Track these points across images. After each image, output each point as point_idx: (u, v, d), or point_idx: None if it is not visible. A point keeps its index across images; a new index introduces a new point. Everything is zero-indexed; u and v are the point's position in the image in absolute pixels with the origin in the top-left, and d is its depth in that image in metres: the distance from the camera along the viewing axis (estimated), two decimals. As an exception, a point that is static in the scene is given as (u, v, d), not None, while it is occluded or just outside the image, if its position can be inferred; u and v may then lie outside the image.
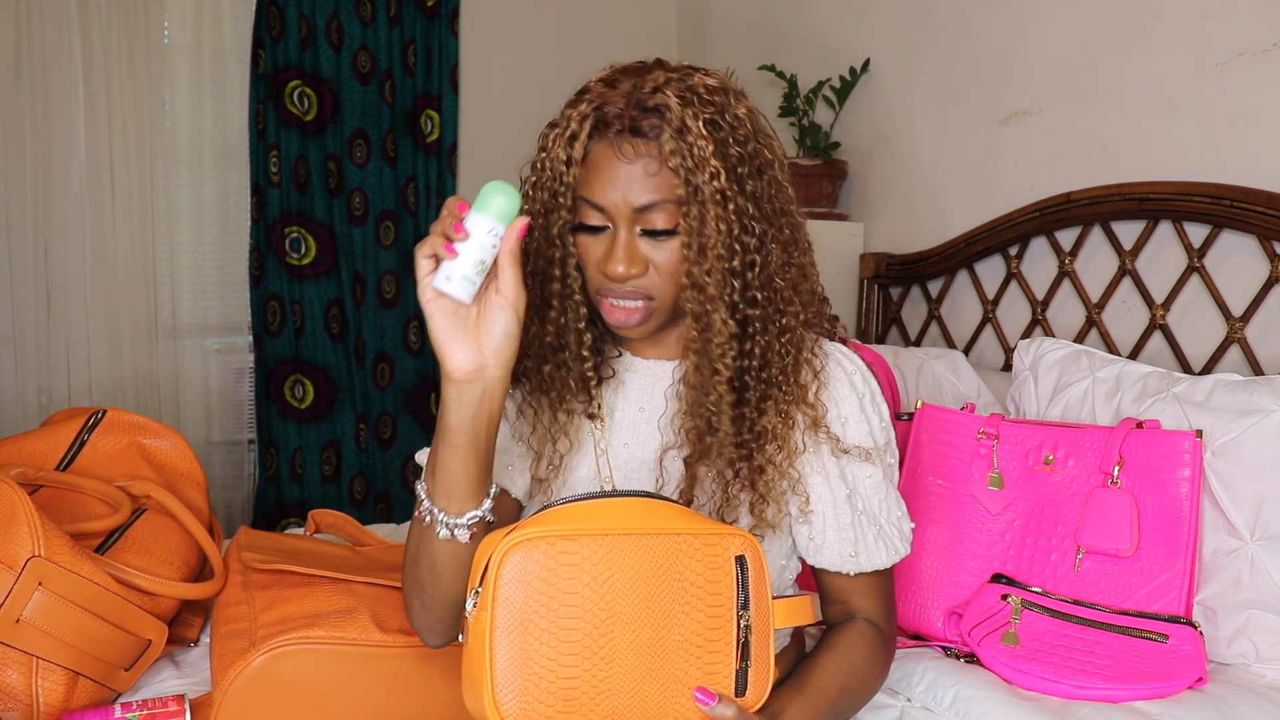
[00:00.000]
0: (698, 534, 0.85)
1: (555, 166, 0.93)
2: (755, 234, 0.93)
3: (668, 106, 0.90)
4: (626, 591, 0.82)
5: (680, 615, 0.83)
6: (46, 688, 1.05)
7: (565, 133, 0.93)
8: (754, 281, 0.94)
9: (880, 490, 1.04)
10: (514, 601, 0.80)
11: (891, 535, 1.04)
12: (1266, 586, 1.25)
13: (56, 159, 2.47)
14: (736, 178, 0.92)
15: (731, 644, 0.85)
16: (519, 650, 0.80)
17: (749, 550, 0.87)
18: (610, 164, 0.92)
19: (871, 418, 1.04)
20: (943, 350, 1.97)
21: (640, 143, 0.91)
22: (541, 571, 0.81)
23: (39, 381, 2.51)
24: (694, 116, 0.89)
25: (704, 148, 0.89)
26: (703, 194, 0.90)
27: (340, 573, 1.25)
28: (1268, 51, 1.61)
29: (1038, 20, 2.00)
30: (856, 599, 1.05)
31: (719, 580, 0.85)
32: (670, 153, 0.89)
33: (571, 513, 0.84)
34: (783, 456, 0.99)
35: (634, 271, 0.93)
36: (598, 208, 0.93)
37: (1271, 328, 1.61)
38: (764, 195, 0.95)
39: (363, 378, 2.88)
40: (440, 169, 2.91)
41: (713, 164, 0.90)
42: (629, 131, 0.91)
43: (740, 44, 2.92)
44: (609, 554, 0.82)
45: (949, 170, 2.23)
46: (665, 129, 0.89)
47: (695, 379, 0.96)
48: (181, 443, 1.43)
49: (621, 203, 0.92)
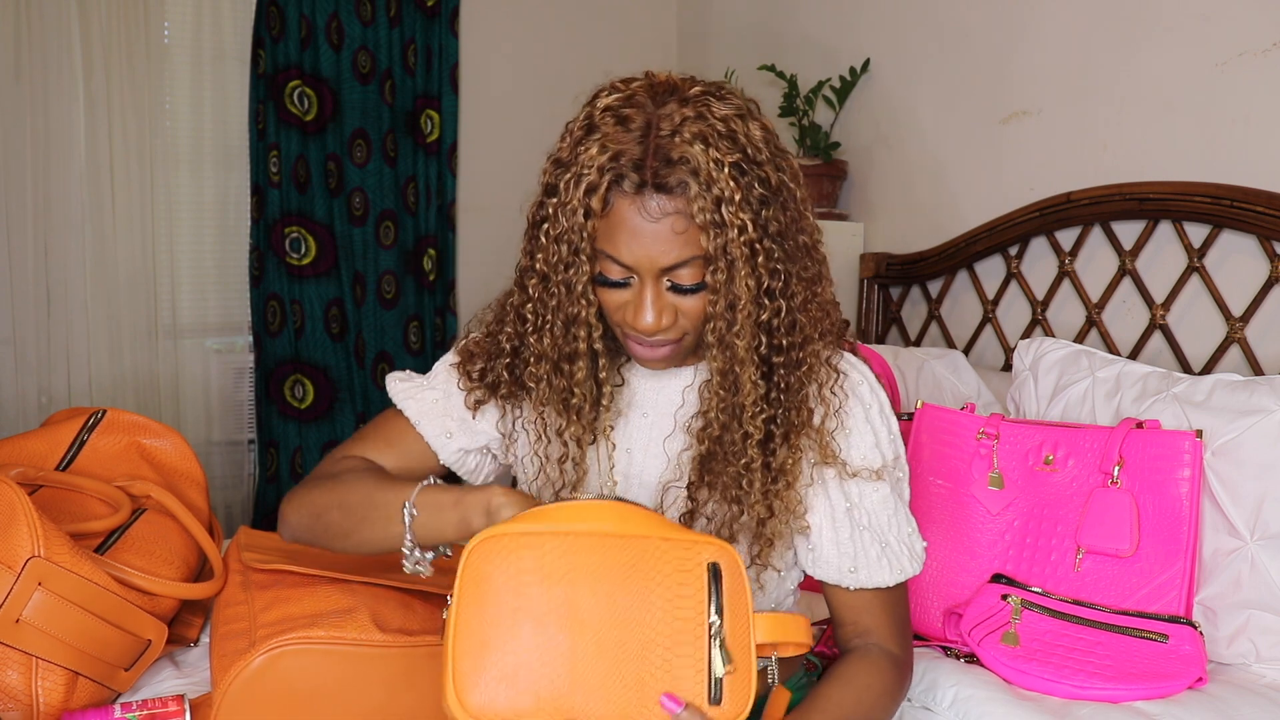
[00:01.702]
0: (667, 539, 0.84)
1: (573, 219, 0.89)
2: (781, 278, 0.92)
3: (692, 157, 0.86)
4: (589, 590, 0.81)
5: (646, 619, 0.82)
6: (46, 688, 1.05)
7: (581, 183, 0.88)
8: (780, 327, 0.93)
9: (888, 506, 1.01)
10: (475, 597, 0.80)
11: (899, 553, 1.01)
12: (1266, 586, 1.25)
13: (56, 159, 2.47)
14: (762, 223, 0.89)
15: (702, 651, 0.83)
16: (478, 644, 0.80)
17: (724, 559, 0.84)
18: (634, 222, 0.88)
19: (879, 430, 1.01)
20: (943, 350, 1.97)
21: (666, 199, 0.87)
22: (503, 569, 0.80)
23: (39, 381, 2.51)
24: (719, 165, 0.86)
25: (731, 198, 0.86)
26: (731, 253, 0.88)
27: (340, 573, 1.25)
28: (1268, 51, 1.61)
29: (1038, 20, 2.00)
30: (865, 618, 1.02)
31: (687, 584, 0.83)
32: (699, 210, 0.86)
33: (540, 514, 0.84)
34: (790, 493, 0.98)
35: (664, 323, 0.92)
36: (622, 265, 0.90)
37: (1271, 328, 1.61)
38: (788, 232, 0.92)
39: (363, 378, 2.88)
40: (440, 169, 2.91)
41: (740, 218, 0.87)
42: (653, 187, 0.87)
43: (740, 44, 2.92)
44: (571, 552, 0.81)
45: (949, 170, 2.23)
46: (692, 184, 0.86)
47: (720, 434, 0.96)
48: (181, 443, 1.43)
49: (648, 262, 0.89)
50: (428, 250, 2.92)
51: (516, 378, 1.03)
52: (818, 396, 0.98)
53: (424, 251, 2.92)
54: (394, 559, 1.44)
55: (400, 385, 1.13)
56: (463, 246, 2.99)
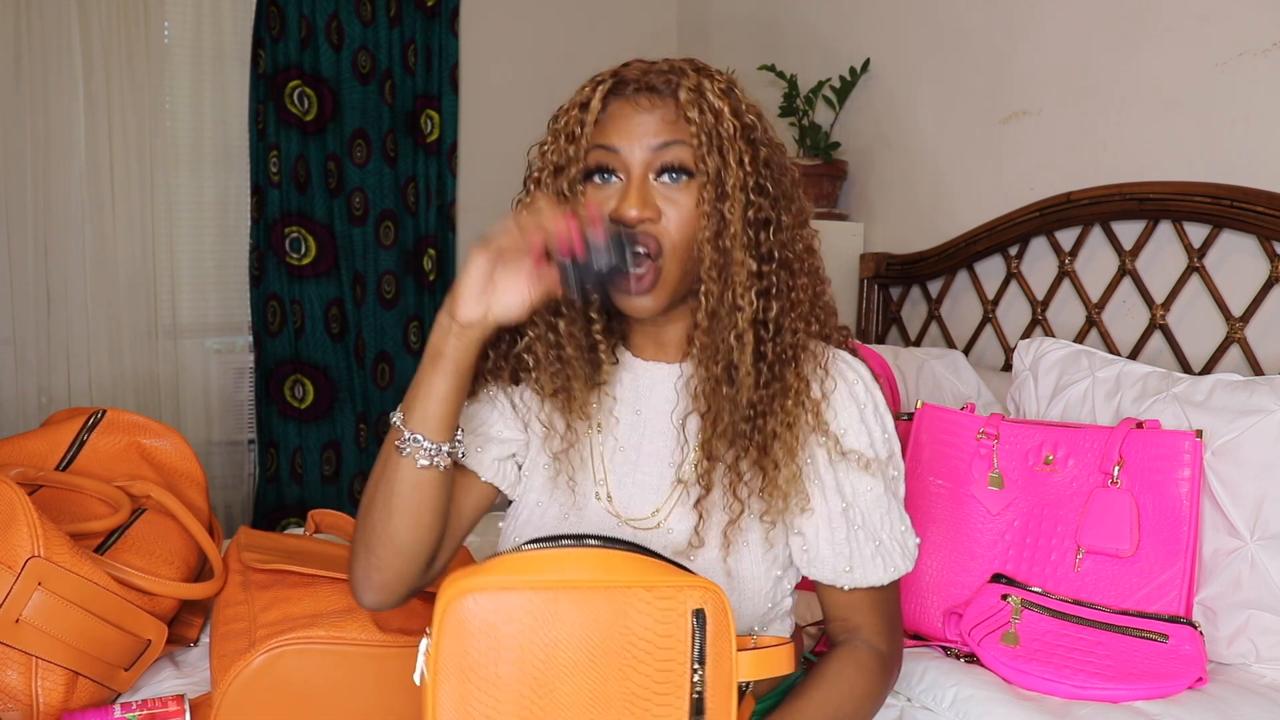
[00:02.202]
0: (651, 586, 0.83)
1: (570, 128, 0.95)
2: (770, 196, 0.95)
3: (685, 73, 0.93)
4: (568, 644, 0.81)
5: (626, 669, 0.82)
6: (46, 688, 1.05)
7: (579, 98, 0.95)
8: (769, 240, 0.95)
9: (882, 505, 1.01)
10: (455, 649, 0.80)
11: (892, 551, 1.01)
12: (1266, 586, 1.25)
13: (56, 159, 2.48)
14: (750, 141, 0.94)
15: (684, 699, 0.82)
16: (459, 697, 0.80)
17: (709, 603, 0.83)
18: (627, 113, 0.94)
19: (873, 429, 1.01)
20: (943, 350, 1.97)
21: (657, 97, 0.94)
22: (482, 622, 0.80)
23: (39, 381, 2.51)
24: (710, 80, 0.93)
25: (719, 104, 0.92)
26: (722, 139, 0.92)
27: (340, 573, 1.25)
28: (1268, 51, 1.61)
29: (1038, 20, 2.00)
30: (856, 616, 1.02)
31: (671, 635, 0.82)
32: (688, 103, 0.92)
33: (520, 562, 0.83)
34: (792, 436, 0.97)
35: (648, 214, 0.92)
36: (612, 149, 0.93)
37: (1271, 328, 1.61)
38: (774, 164, 0.96)
39: (363, 378, 2.88)
40: (440, 169, 2.91)
41: (729, 120, 0.92)
42: (645, 89, 0.94)
43: (740, 44, 2.92)
44: (550, 606, 0.81)
45: (949, 170, 2.23)
46: (682, 85, 0.92)
47: (710, 324, 0.95)
48: (181, 443, 1.43)
49: (637, 145, 0.93)
50: (428, 250, 2.92)
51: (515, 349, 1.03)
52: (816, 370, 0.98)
53: (424, 251, 2.92)
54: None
55: None
56: (463, 246, 2.99)
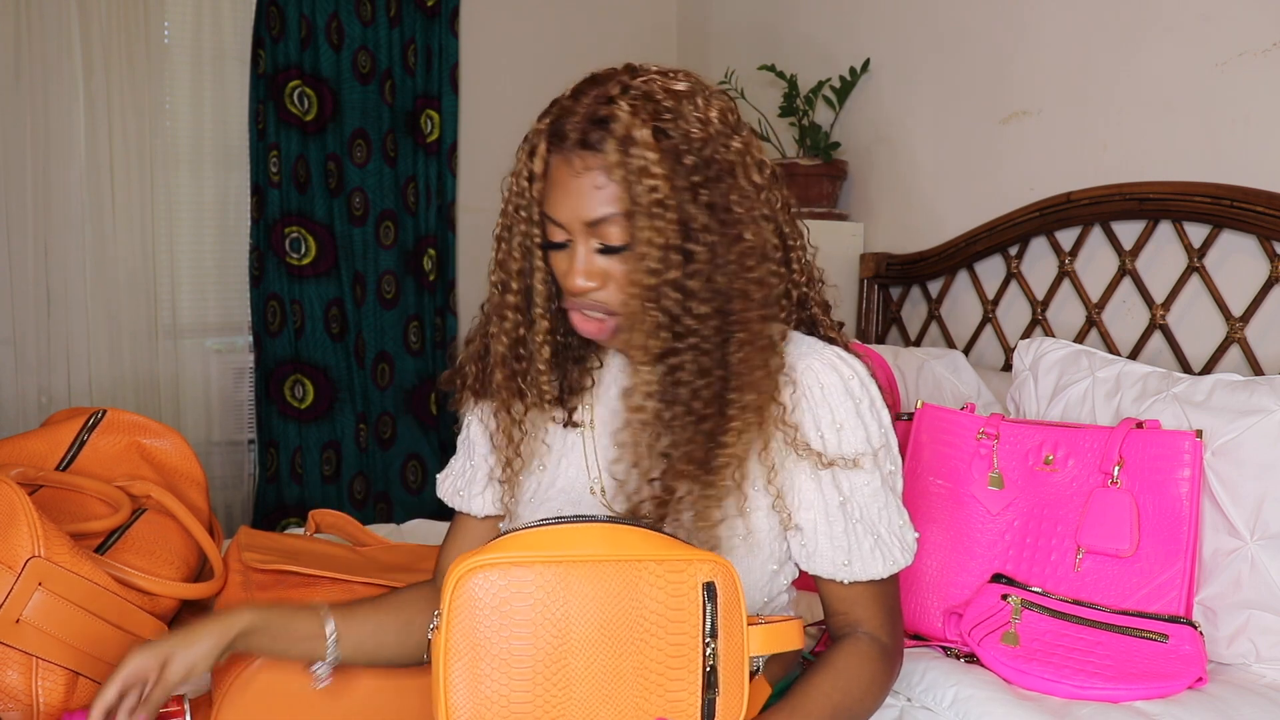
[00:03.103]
0: (661, 560, 0.84)
1: (520, 182, 0.95)
2: (703, 243, 0.91)
3: (615, 117, 0.89)
4: (580, 619, 0.81)
5: (639, 643, 0.82)
6: (46, 688, 1.05)
7: (528, 146, 0.95)
8: (698, 292, 0.91)
9: (879, 498, 1.01)
10: (466, 627, 0.81)
11: (890, 545, 1.01)
12: (1266, 586, 1.25)
13: (56, 159, 2.48)
14: (688, 186, 0.90)
15: (697, 673, 0.83)
16: (471, 674, 0.80)
17: (719, 576, 0.84)
18: (564, 178, 0.92)
19: (870, 424, 1.00)
20: (943, 350, 1.97)
21: (590, 155, 0.91)
22: (493, 598, 0.81)
23: (39, 381, 2.51)
24: (642, 125, 0.89)
25: (647, 157, 0.88)
26: (640, 204, 0.89)
27: (340, 573, 1.25)
28: (1268, 51, 1.61)
29: (1038, 20, 2.00)
30: (856, 609, 1.02)
31: (681, 608, 0.83)
32: (614, 164, 0.89)
33: (529, 538, 0.84)
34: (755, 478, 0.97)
35: (591, 285, 0.93)
36: (557, 223, 0.94)
37: (1271, 328, 1.61)
38: (719, 205, 0.92)
39: (363, 378, 2.88)
40: (440, 169, 2.91)
41: (654, 172, 0.88)
42: (579, 145, 0.91)
43: (740, 44, 2.92)
44: (562, 581, 0.81)
45: (949, 170, 2.23)
46: (609, 140, 0.89)
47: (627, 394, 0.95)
48: (181, 443, 1.43)
49: (574, 218, 0.92)
50: (428, 250, 2.92)
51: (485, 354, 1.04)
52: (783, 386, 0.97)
53: (424, 251, 2.92)
54: (393, 560, 1.44)
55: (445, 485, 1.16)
56: (463, 246, 2.99)
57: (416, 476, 2.99)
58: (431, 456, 2.99)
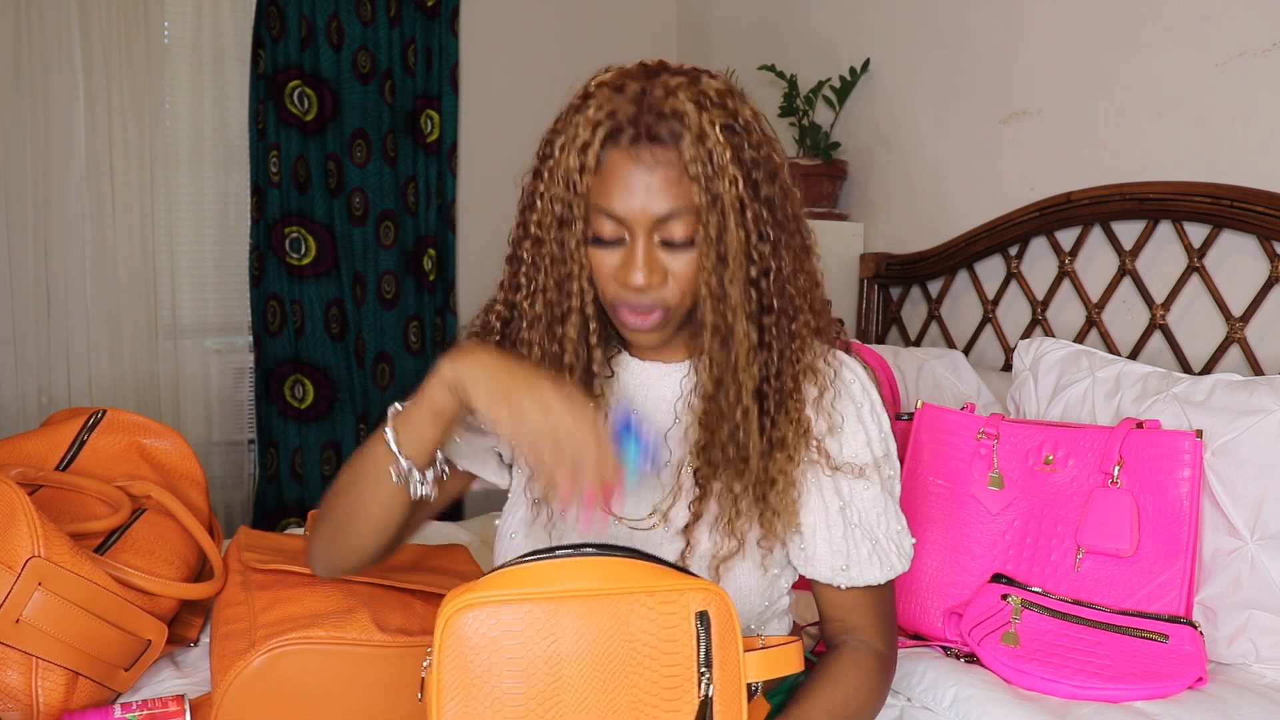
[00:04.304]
0: (652, 591, 0.83)
1: (569, 176, 0.91)
2: (770, 240, 0.93)
3: (685, 112, 0.88)
4: (572, 654, 0.81)
5: (633, 675, 0.82)
6: (46, 688, 1.05)
7: (576, 140, 0.90)
8: (769, 289, 0.93)
9: (878, 504, 1.01)
10: (458, 666, 0.80)
11: (888, 551, 1.01)
12: (1266, 586, 1.25)
13: (56, 159, 2.47)
14: (752, 183, 0.91)
15: (693, 703, 0.83)
16: (465, 714, 0.80)
17: (713, 604, 0.83)
18: (628, 173, 0.89)
19: (870, 428, 1.01)
20: (943, 350, 1.97)
21: (659, 150, 0.89)
22: (483, 638, 0.80)
23: (39, 381, 2.51)
24: (710, 122, 0.88)
25: (723, 154, 0.88)
26: (723, 202, 0.89)
27: (340, 573, 1.24)
28: (1268, 51, 1.61)
29: (1037, 20, 2.00)
30: (853, 615, 1.02)
31: (675, 639, 0.83)
32: (691, 160, 0.88)
33: (518, 575, 0.83)
34: (793, 466, 0.98)
35: (654, 282, 0.92)
36: (615, 219, 0.91)
37: (1271, 328, 1.61)
38: (777, 201, 0.94)
39: (363, 378, 2.88)
40: (440, 169, 2.91)
41: (731, 170, 0.88)
42: (646, 138, 0.89)
43: (740, 44, 2.92)
44: (551, 618, 0.81)
45: (949, 170, 2.23)
46: (685, 134, 0.88)
47: (715, 391, 0.95)
48: (181, 443, 1.43)
49: (641, 213, 0.89)
50: (428, 250, 2.92)
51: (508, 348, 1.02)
52: (810, 372, 0.98)
53: (424, 251, 2.92)
54: (394, 560, 1.44)
55: None
56: (463, 246, 2.99)
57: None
58: (431, 456, 2.98)
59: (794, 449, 0.97)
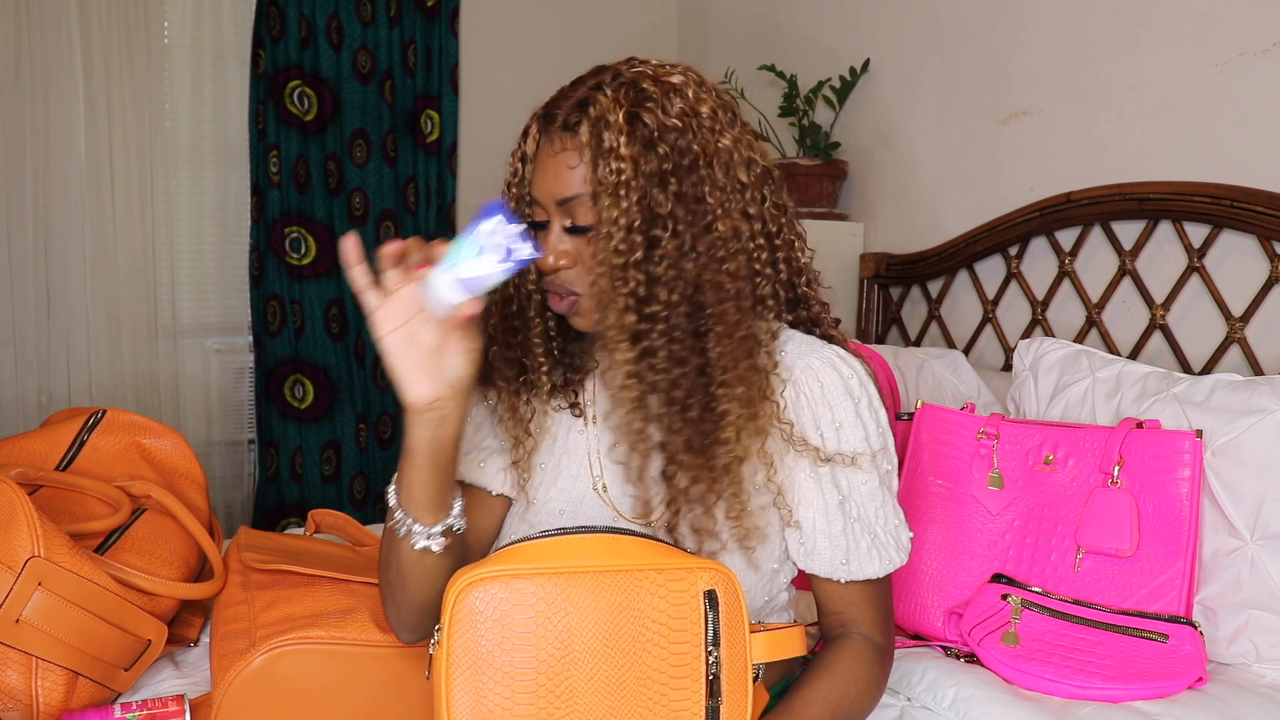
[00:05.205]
0: (661, 569, 0.84)
1: (515, 163, 0.98)
2: (669, 230, 0.90)
3: (595, 101, 0.92)
4: (582, 630, 0.81)
5: (641, 652, 0.82)
6: (46, 688, 1.05)
7: (524, 129, 0.98)
8: (662, 275, 0.90)
9: (876, 498, 1.01)
10: (467, 640, 0.81)
11: (887, 544, 1.02)
12: (1266, 586, 1.25)
13: (56, 159, 2.47)
14: (656, 172, 0.90)
15: (700, 681, 0.83)
16: (474, 688, 0.80)
17: (721, 584, 0.84)
18: (544, 158, 0.95)
19: (868, 423, 1.01)
20: (943, 350, 1.97)
21: (567, 136, 0.93)
22: (494, 611, 0.81)
23: (39, 381, 2.51)
24: (617, 109, 0.91)
25: (617, 140, 0.90)
26: (605, 184, 0.90)
27: (340, 573, 1.25)
28: (1268, 51, 1.61)
29: (1037, 20, 2.00)
30: (851, 609, 1.03)
31: (683, 617, 0.83)
32: (584, 144, 0.91)
33: (530, 551, 0.83)
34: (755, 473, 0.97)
35: (561, 264, 0.95)
36: (538, 203, 0.96)
37: (1271, 328, 1.61)
38: (690, 196, 0.91)
39: (363, 378, 2.88)
40: (440, 169, 2.91)
41: (621, 154, 0.89)
42: (561, 127, 0.94)
43: (740, 44, 2.92)
44: (562, 593, 0.81)
45: (949, 170, 2.23)
46: (585, 122, 0.91)
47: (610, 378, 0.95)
48: (181, 443, 1.43)
49: (549, 196, 0.95)
50: (428, 250, 2.92)
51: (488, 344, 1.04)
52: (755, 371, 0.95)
53: (424, 251, 2.92)
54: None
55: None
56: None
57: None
58: (431, 456, 2.99)
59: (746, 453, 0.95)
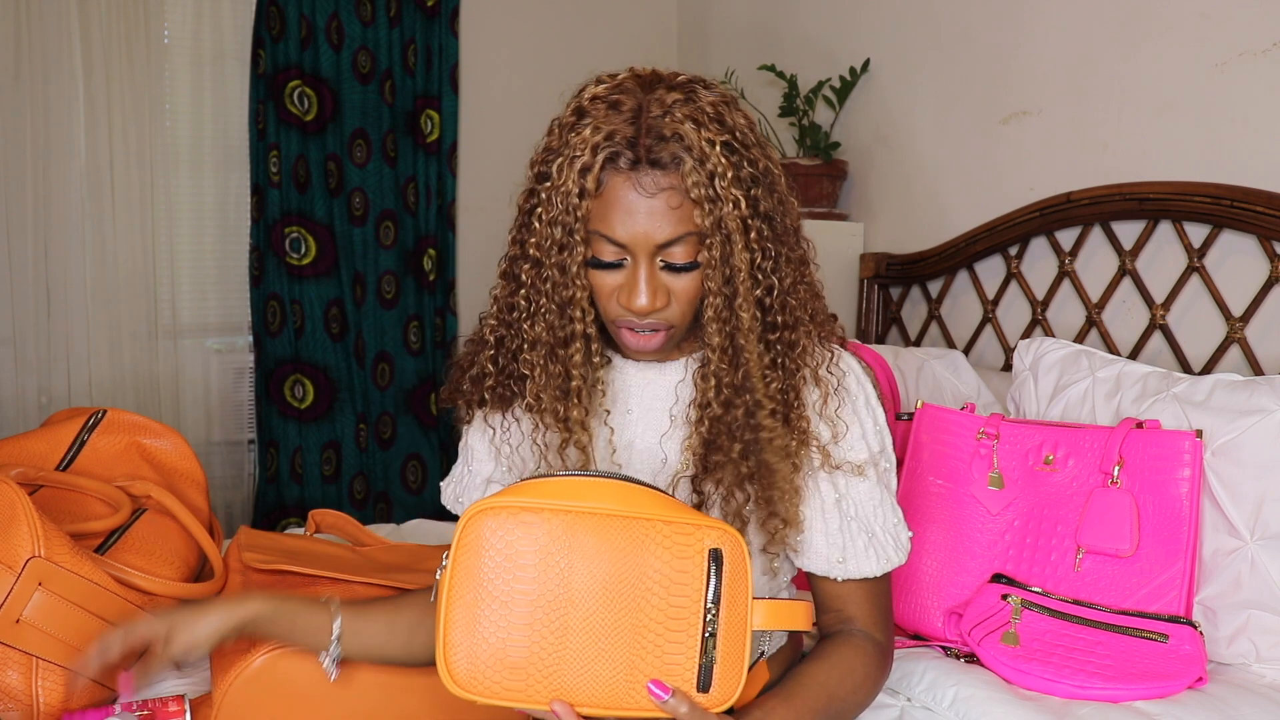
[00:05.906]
0: (670, 521, 0.83)
1: (568, 200, 0.89)
2: (773, 257, 0.93)
3: (684, 134, 0.87)
4: (583, 570, 0.81)
5: (639, 601, 0.82)
6: (46, 688, 1.05)
7: (575, 164, 0.89)
8: (774, 306, 0.94)
9: (874, 497, 1.02)
10: (471, 566, 0.81)
11: (885, 543, 1.02)
12: (1266, 586, 1.25)
13: (56, 159, 2.47)
14: (753, 201, 0.91)
15: (696, 637, 0.83)
16: (470, 613, 0.81)
17: (727, 545, 0.84)
18: (629, 198, 0.88)
19: (865, 422, 1.02)
20: (943, 350, 1.97)
21: (660, 175, 0.88)
22: (500, 540, 0.81)
23: (39, 381, 2.51)
24: (710, 141, 0.88)
25: (724, 175, 0.88)
26: (727, 226, 0.89)
27: (340, 573, 1.25)
28: (1268, 51, 1.61)
29: (1038, 20, 2.00)
30: (850, 607, 1.03)
31: (686, 570, 0.83)
32: (693, 184, 0.87)
33: (544, 487, 0.84)
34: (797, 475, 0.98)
35: (659, 305, 0.92)
36: (617, 243, 0.90)
37: (1271, 328, 1.61)
38: (777, 216, 0.94)
39: (363, 378, 2.88)
40: (440, 169, 2.91)
41: (733, 192, 0.88)
42: (646, 162, 0.88)
43: (740, 44, 2.92)
44: (569, 531, 0.81)
45: (949, 170, 2.23)
46: (686, 159, 0.87)
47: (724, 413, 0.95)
48: (181, 443, 1.43)
49: (644, 238, 0.89)
50: (428, 250, 2.92)
51: (504, 370, 1.01)
52: (813, 379, 0.99)
53: (424, 251, 2.92)
54: (393, 560, 1.44)
55: (447, 492, 1.15)
56: (463, 246, 3.00)
57: (416, 477, 2.99)
58: (431, 457, 2.99)
59: (798, 457, 0.98)
